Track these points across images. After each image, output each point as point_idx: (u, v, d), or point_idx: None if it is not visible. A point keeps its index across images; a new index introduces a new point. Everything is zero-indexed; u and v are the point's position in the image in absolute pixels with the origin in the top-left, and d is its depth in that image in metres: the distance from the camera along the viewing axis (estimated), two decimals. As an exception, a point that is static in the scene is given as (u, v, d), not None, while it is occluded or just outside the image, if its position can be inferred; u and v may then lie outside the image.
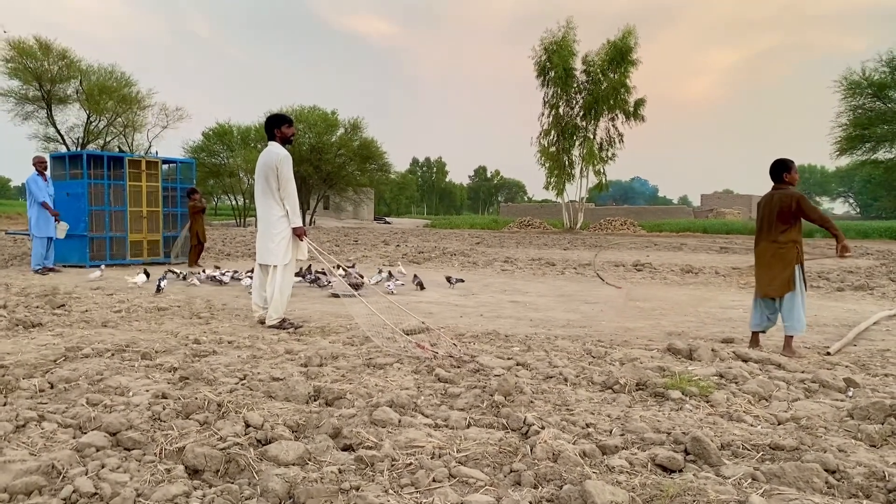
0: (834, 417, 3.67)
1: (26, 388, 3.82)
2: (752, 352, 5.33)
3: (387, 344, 5.40)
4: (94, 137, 43.15)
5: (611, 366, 4.83)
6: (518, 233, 40.95)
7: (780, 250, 5.67)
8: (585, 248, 22.91)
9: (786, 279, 5.62)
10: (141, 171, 13.75)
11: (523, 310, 8.15)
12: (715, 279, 12.37)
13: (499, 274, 13.19)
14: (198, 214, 13.59)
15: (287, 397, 3.78)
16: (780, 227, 5.67)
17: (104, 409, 3.46)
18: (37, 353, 4.73)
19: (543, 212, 57.25)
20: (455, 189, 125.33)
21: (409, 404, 3.66)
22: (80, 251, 12.89)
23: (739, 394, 4.10)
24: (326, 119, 48.31)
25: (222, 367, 4.48)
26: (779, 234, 5.68)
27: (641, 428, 3.33)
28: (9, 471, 2.58)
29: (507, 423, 3.39)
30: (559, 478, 2.68)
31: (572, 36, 41.45)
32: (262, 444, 3.01)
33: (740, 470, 2.81)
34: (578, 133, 42.73)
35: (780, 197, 5.69)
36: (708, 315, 7.88)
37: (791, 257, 5.64)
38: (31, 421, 3.19)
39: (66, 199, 12.80)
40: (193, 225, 13.58)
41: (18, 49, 37.90)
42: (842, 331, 6.79)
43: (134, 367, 4.48)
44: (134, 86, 43.24)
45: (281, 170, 6.42)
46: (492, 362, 4.72)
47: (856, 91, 36.20)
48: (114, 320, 6.50)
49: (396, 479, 2.68)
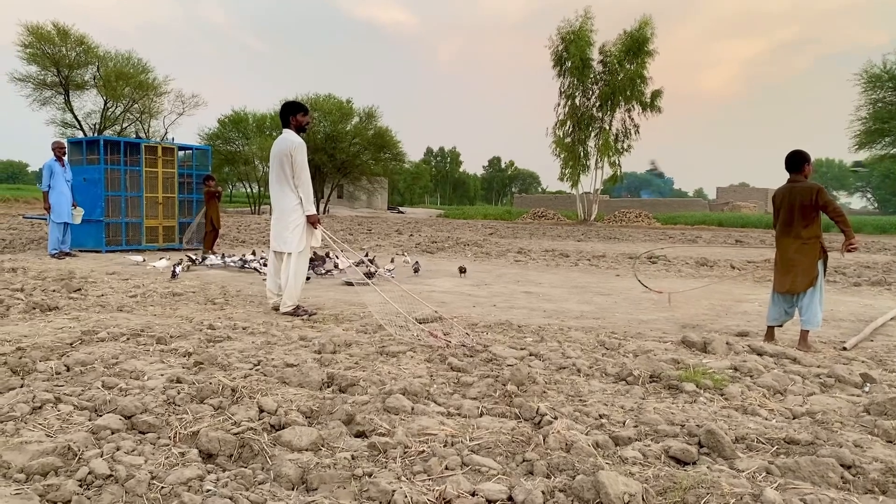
0: (850, 412, 3.63)
1: (43, 371, 3.86)
2: (768, 345, 5.29)
3: (400, 332, 5.41)
4: (110, 123, 43.38)
5: (624, 357, 4.80)
6: (532, 224, 40.84)
7: (804, 246, 5.58)
8: (599, 240, 22.83)
9: (810, 275, 5.54)
10: (157, 157, 13.84)
11: (536, 300, 8.13)
12: (730, 272, 12.28)
13: (512, 265, 13.17)
14: (212, 200, 13.65)
15: (301, 383, 3.79)
16: (803, 222, 5.56)
17: (119, 392, 3.49)
18: (53, 337, 4.77)
19: (557, 203, 57.08)
20: (469, 179, 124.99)
21: (421, 392, 3.66)
22: (96, 236, 12.98)
23: (754, 387, 4.08)
24: (341, 107, 48.31)
25: (236, 353, 4.50)
26: (801, 230, 5.57)
27: (655, 420, 3.31)
28: (26, 451, 2.61)
29: (520, 413, 3.39)
30: (572, 468, 2.67)
31: (589, 26, 41.20)
32: (276, 429, 3.02)
33: (755, 463, 2.79)
34: (594, 124, 42.48)
35: (800, 190, 5.58)
36: (722, 308, 7.83)
37: (815, 253, 5.56)
38: (47, 403, 3.22)
39: (83, 184, 12.89)
40: (208, 210, 13.66)
41: (37, 35, 38.12)
42: (858, 326, 6.72)
43: (149, 351, 4.51)
44: (150, 72, 43.44)
45: (295, 157, 6.42)
46: (504, 352, 4.71)
47: (876, 84, 35.76)
48: (129, 305, 6.55)
49: (409, 467, 2.69)
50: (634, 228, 36.17)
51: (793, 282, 5.63)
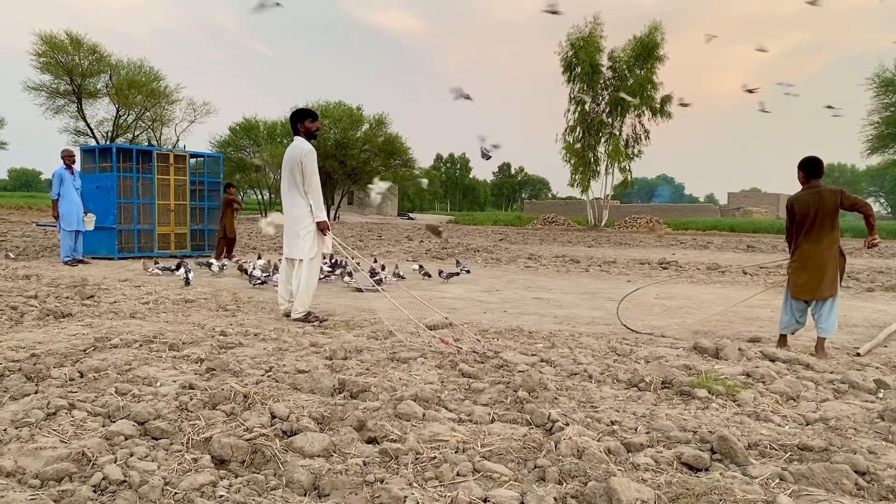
0: (864, 419, 3.61)
1: (57, 377, 3.89)
2: (780, 351, 5.25)
3: (410, 339, 5.41)
4: (123, 131, 43.73)
5: (636, 363, 4.79)
6: (542, 230, 40.79)
7: (827, 251, 5.50)
8: (610, 246, 22.76)
9: (836, 282, 5.50)
10: (169, 164, 13.93)
11: (547, 307, 8.12)
12: (742, 278, 12.22)
13: (522, 271, 13.15)
14: (228, 208, 13.74)
15: (312, 389, 3.80)
16: (830, 226, 5.50)
17: (132, 398, 3.51)
18: (67, 343, 4.81)
19: (568, 209, 56.95)
20: (479, 185, 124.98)
21: (432, 398, 3.66)
22: (108, 243, 13.07)
23: (767, 393, 4.05)
24: (352, 114, 48.45)
25: (248, 359, 4.52)
26: (825, 235, 5.50)
27: (667, 426, 3.30)
28: (40, 457, 2.63)
29: (532, 419, 3.38)
30: (584, 474, 2.67)
31: (599, 32, 41.09)
32: (288, 435, 3.03)
33: (768, 470, 2.78)
34: (604, 129, 42.40)
35: (828, 194, 5.46)
36: (734, 314, 7.79)
37: (836, 258, 5.52)
38: (61, 409, 3.24)
39: (96, 191, 12.99)
40: (223, 217, 13.75)
41: (50, 44, 38.53)
42: (872, 331, 6.67)
43: (161, 357, 4.53)
44: (162, 80, 43.83)
45: (305, 164, 6.45)
46: (515, 358, 4.71)
47: (888, 88, 35.54)
48: (142, 312, 6.59)
49: (420, 473, 2.69)
50: (645, 234, 36.05)
51: (815, 287, 5.54)
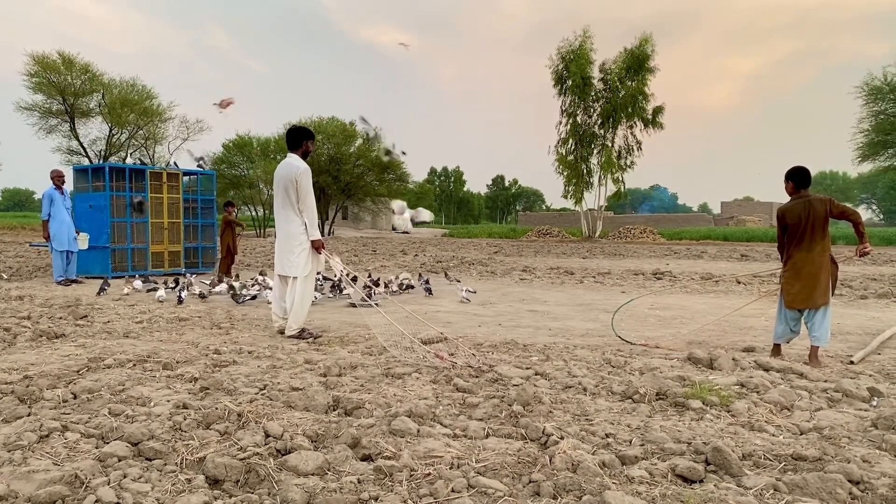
0: (858, 427, 3.62)
1: (50, 399, 3.87)
2: (774, 361, 5.27)
3: (405, 354, 5.41)
4: (115, 150, 43.68)
5: (630, 375, 4.80)
6: (536, 242, 40.83)
7: (819, 259, 5.54)
8: (605, 257, 22.80)
9: (826, 289, 5.52)
10: (162, 182, 13.93)
11: (542, 319, 8.13)
12: (736, 287, 12.26)
13: (517, 283, 13.16)
14: (228, 227, 13.75)
15: (306, 407, 3.79)
16: (820, 236, 5.54)
17: (126, 419, 3.50)
18: (60, 364, 4.79)
19: (562, 220, 57.02)
20: (473, 198, 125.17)
21: (427, 414, 3.66)
22: (102, 262, 13.04)
23: (761, 403, 4.06)
24: (345, 130, 48.52)
25: (242, 378, 4.51)
26: (816, 244, 5.54)
27: (661, 438, 3.31)
28: (33, 480, 2.62)
29: (526, 433, 3.38)
30: (579, 488, 2.67)
31: (589, 44, 41.36)
32: (282, 454, 3.02)
33: (762, 480, 2.78)
34: (596, 141, 42.59)
35: (818, 203, 5.50)
36: (729, 323, 7.81)
37: (828, 267, 5.55)
38: (54, 431, 3.23)
39: (89, 210, 12.98)
40: (224, 236, 13.75)
41: (42, 64, 38.54)
42: (865, 339, 6.70)
43: (155, 377, 4.52)
44: (155, 98, 43.79)
45: (301, 182, 6.46)
46: (510, 372, 4.71)
47: (878, 96, 35.84)
48: (135, 331, 6.57)
49: (415, 490, 2.68)
50: (639, 244, 36.13)
51: (808, 296, 5.56)
